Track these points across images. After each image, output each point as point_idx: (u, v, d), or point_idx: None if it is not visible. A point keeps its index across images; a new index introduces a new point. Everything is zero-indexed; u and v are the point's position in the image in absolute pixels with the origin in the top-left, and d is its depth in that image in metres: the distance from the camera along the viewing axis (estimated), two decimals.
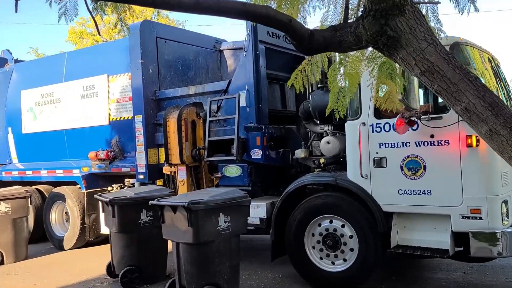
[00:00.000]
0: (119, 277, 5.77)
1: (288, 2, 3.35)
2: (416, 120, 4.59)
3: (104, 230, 7.18)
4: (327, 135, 5.82)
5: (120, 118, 7.81)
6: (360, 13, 2.59)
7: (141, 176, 7.34)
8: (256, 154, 5.98)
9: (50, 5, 3.40)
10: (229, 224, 4.75)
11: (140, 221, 5.78)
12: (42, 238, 8.92)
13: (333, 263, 5.22)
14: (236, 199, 4.88)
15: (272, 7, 3.21)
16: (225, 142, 6.48)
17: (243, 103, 6.35)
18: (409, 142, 4.74)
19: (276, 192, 6.53)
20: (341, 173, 5.39)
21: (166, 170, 7.05)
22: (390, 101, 3.77)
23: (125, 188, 7.65)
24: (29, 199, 7.94)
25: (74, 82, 8.43)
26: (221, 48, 8.72)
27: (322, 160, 5.54)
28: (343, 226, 5.21)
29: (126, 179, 8.05)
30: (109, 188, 7.86)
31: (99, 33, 6.04)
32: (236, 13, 2.64)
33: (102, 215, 7.42)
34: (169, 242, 5.51)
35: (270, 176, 6.53)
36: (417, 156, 4.68)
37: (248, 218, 5.98)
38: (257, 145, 5.98)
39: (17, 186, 8.39)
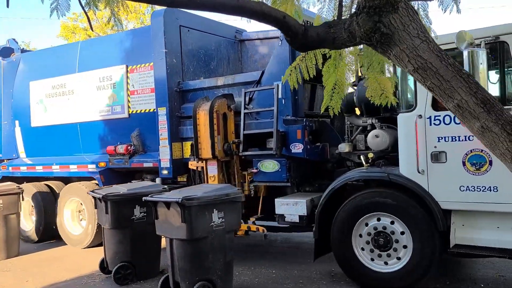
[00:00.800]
0: (112, 273, 5.74)
1: None
2: None
3: None
4: (371, 128, 5.55)
5: (141, 110, 7.43)
6: (354, 10, 2.58)
7: (165, 172, 6.99)
8: (297, 148, 5.68)
9: (42, 0, 3.44)
10: (223, 220, 4.80)
11: (134, 217, 5.77)
12: (52, 237, 8.59)
13: (386, 263, 4.95)
14: (230, 195, 4.90)
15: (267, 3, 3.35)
16: (259, 136, 6.18)
17: (279, 95, 6.04)
18: (472, 136, 4.47)
19: (310, 188, 6.27)
20: (391, 168, 5.12)
21: (193, 165, 6.70)
22: (384, 97, 3.76)
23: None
24: (21, 195, 7.81)
25: (88, 73, 8.01)
26: (242, 38, 8.40)
27: (370, 155, 5.26)
28: (392, 223, 4.95)
29: (144, 175, 7.73)
30: None
31: (91, 29, 5.76)
32: (230, 9, 2.65)
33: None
34: (163, 238, 5.50)
35: (306, 172, 6.24)
36: (482, 150, 4.42)
37: (285, 216, 5.83)
38: (297, 139, 5.68)
39: (9, 182, 8.15)
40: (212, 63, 7.79)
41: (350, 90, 6.00)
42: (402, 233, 4.89)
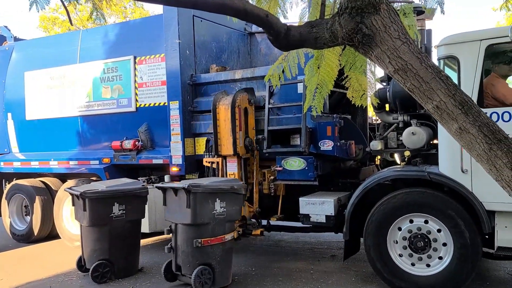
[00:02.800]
0: (90, 271, 5.66)
1: None
2: None
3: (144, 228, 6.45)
4: (404, 125, 5.35)
5: (150, 104, 7.04)
6: (336, 10, 2.60)
7: (177, 169, 6.65)
8: (327, 145, 5.43)
9: None
10: (224, 209, 5.10)
11: (112, 214, 5.72)
12: (48, 236, 8.22)
13: (428, 265, 4.75)
14: (233, 187, 5.18)
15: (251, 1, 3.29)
16: (282, 132, 5.91)
17: (300, 90, 5.78)
18: None
19: (333, 187, 6.05)
20: (429, 166, 4.93)
21: (207, 162, 6.38)
22: (365, 97, 3.84)
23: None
24: None
25: (91, 64, 7.56)
26: (251, 31, 8.11)
27: (407, 153, 5.05)
28: (426, 222, 4.76)
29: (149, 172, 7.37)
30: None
31: (71, 23, 5.51)
32: (212, 7, 2.63)
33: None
34: (142, 236, 5.99)
35: (329, 170, 6.00)
36: None
37: (311, 215, 5.59)
38: (327, 136, 5.44)
39: None
40: (223, 56, 7.48)
41: (379, 86, 5.80)
42: (439, 230, 4.71)
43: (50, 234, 8.20)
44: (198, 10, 6.78)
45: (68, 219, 7.74)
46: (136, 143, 7.03)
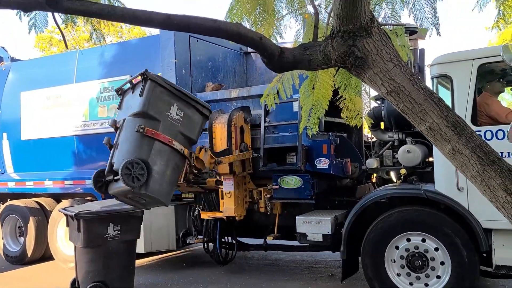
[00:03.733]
0: None
1: (262, 18, 3.49)
2: None
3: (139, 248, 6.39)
4: (399, 143, 5.37)
5: None
6: (329, 33, 2.65)
7: None
8: (323, 163, 5.44)
9: (20, 18, 3.48)
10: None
11: (107, 235, 5.65)
12: (42, 258, 8.09)
13: (426, 284, 4.72)
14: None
15: (246, 23, 3.49)
16: (278, 150, 5.92)
17: (296, 108, 5.81)
18: None
19: (329, 205, 6.03)
20: (425, 184, 4.93)
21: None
22: (359, 118, 3.88)
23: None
24: None
25: (88, 83, 7.57)
26: (247, 50, 8.19)
27: (403, 171, 5.07)
28: (423, 240, 4.75)
29: None
30: None
31: (66, 46, 5.51)
32: (206, 30, 2.68)
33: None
34: (137, 257, 6.07)
35: (325, 188, 6.00)
36: None
37: (308, 234, 5.56)
38: (323, 154, 5.45)
39: None
40: (219, 75, 7.53)
41: (374, 104, 5.85)
42: (436, 249, 4.71)
43: (44, 255, 8.09)
44: None
45: (63, 240, 7.65)
46: None
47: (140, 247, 6.31)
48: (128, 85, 5.08)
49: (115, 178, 4.59)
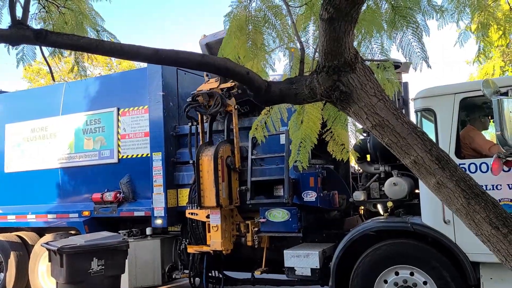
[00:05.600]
0: None
1: (252, 52, 3.55)
2: None
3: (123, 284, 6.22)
4: (386, 175, 5.40)
5: (133, 155, 7.01)
6: (315, 68, 2.72)
7: (159, 221, 6.54)
8: (310, 196, 5.43)
9: (8, 51, 3.51)
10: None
11: (91, 270, 5.59)
12: None
13: None
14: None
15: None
16: (265, 183, 5.91)
17: (283, 141, 5.84)
18: (500, 185, 4.38)
19: (317, 238, 5.98)
20: (412, 217, 4.93)
21: (189, 213, 6.28)
22: (345, 152, 3.87)
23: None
24: None
25: (74, 116, 7.56)
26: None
27: (390, 204, 5.07)
28: (411, 274, 4.71)
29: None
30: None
31: (53, 79, 5.55)
32: (195, 64, 2.73)
33: None
34: None
35: (313, 221, 5.96)
36: (511, 200, 4.31)
37: (296, 269, 5.48)
38: (310, 187, 5.45)
39: None
40: None
41: (361, 136, 5.90)
42: (425, 283, 4.65)
43: None
44: None
45: (44, 275, 7.43)
46: (118, 195, 6.92)
47: (124, 283, 6.14)
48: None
49: None
